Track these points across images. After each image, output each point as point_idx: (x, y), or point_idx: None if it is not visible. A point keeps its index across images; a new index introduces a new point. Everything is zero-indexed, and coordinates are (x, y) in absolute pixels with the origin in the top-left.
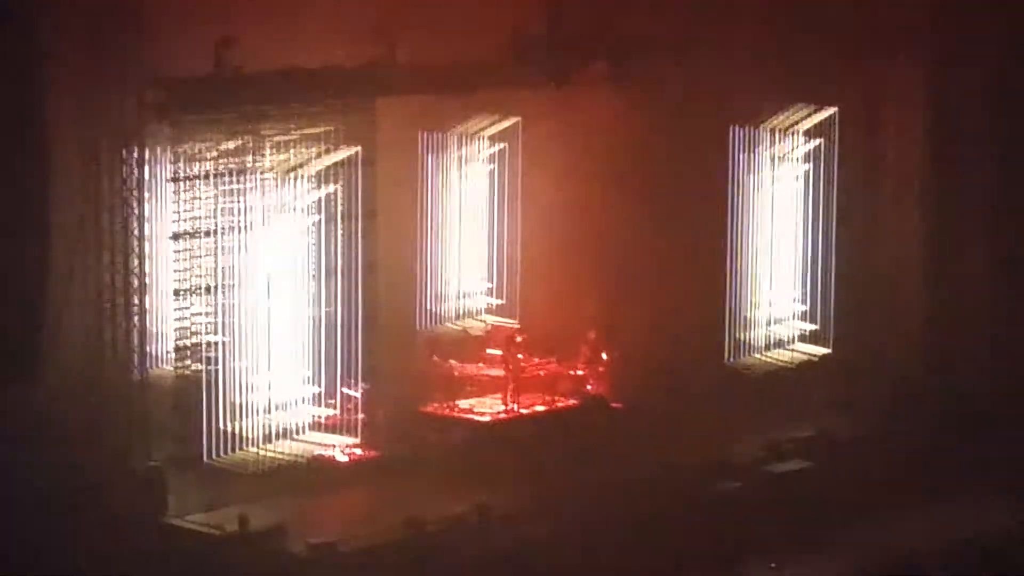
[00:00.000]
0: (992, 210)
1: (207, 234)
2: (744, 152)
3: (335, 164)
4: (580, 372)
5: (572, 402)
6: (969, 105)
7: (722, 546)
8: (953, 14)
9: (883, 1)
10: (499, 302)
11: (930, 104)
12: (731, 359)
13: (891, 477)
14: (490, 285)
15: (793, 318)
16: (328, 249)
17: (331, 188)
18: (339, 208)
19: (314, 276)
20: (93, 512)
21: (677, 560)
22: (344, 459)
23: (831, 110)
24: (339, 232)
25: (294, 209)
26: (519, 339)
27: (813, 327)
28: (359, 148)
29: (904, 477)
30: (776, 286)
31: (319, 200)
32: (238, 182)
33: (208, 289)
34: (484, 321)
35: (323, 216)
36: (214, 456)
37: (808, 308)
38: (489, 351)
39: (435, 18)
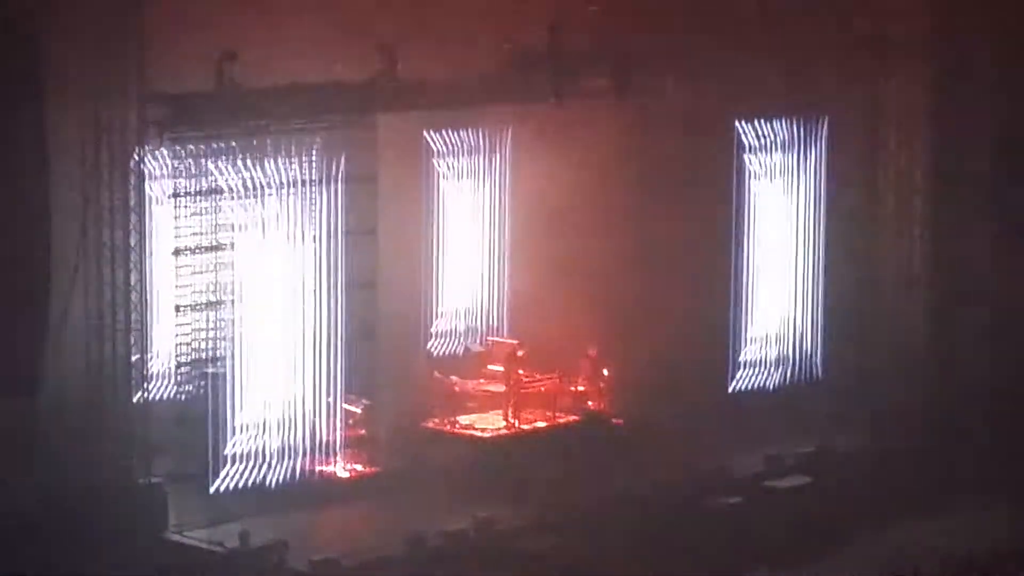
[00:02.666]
0: (990, 226)
1: (208, 249)
2: (744, 170)
3: (335, 180)
4: (581, 388)
5: (573, 418)
6: (970, 123)
7: (722, 561)
8: (952, 23)
9: (881, 12)
10: (500, 318)
11: (929, 120)
12: (730, 375)
13: (890, 492)
14: (491, 301)
15: (792, 334)
16: (328, 265)
17: (331, 204)
18: (339, 224)
19: (314, 292)
20: (93, 528)
21: (676, 575)
22: (345, 475)
23: (831, 125)
24: (339, 248)
25: (294, 225)
26: (520, 355)
27: (811, 342)
28: (359, 164)
29: (902, 492)
30: (777, 302)
31: (319, 216)
32: (239, 197)
33: (209, 305)
34: (485, 336)
35: (323, 232)
36: (215, 472)
37: (806, 324)
38: (490, 367)
39: (436, 33)
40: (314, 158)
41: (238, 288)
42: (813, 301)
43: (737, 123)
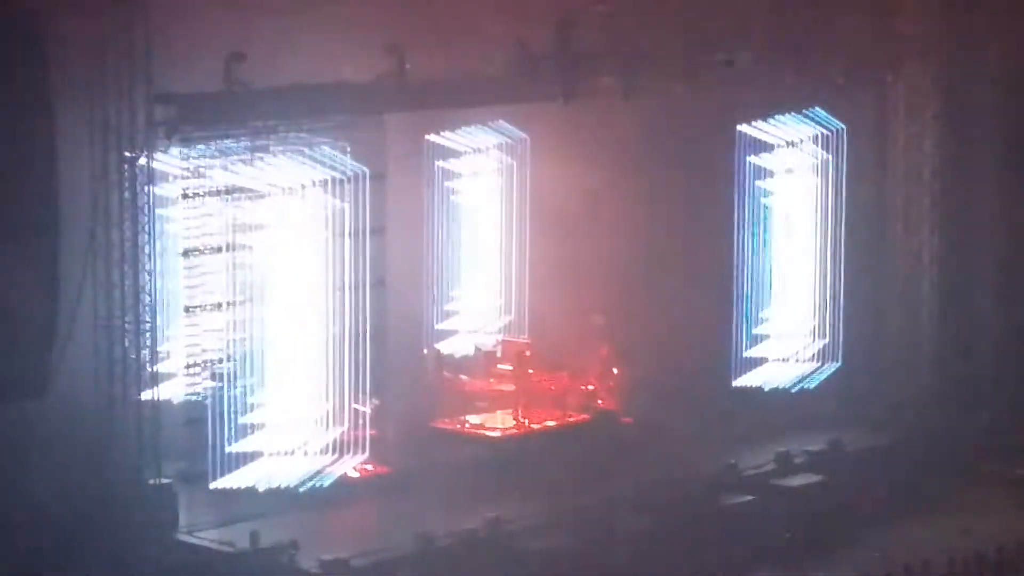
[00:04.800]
0: (1000, 223)
1: (217, 250)
2: (753, 168)
3: (344, 180)
4: (591, 387)
5: (583, 417)
6: (978, 121)
7: (732, 559)
8: (961, 27)
9: (890, 15)
10: (509, 317)
11: (939, 119)
12: (741, 372)
13: (900, 490)
14: (501, 300)
15: (803, 332)
16: (338, 265)
17: (340, 204)
18: (348, 224)
19: (324, 292)
20: (104, 528)
21: (687, 573)
22: (355, 475)
23: (840, 125)
24: (348, 248)
25: (303, 225)
26: (529, 354)
27: (823, 341)
28: (368, 164)
29: (913, 489)
30: (786, 300)
31: (328, 216)
32: (247, 198)
33: (218, 305)
34: (495, 336)
35: (332, 232)
36: (223, 472)
37: (818, 322)
38: (500, 366)
39: (444, 34)
40: (323, 158)
41: (248, 289)
42: (833, 300)
43: (745, 122)
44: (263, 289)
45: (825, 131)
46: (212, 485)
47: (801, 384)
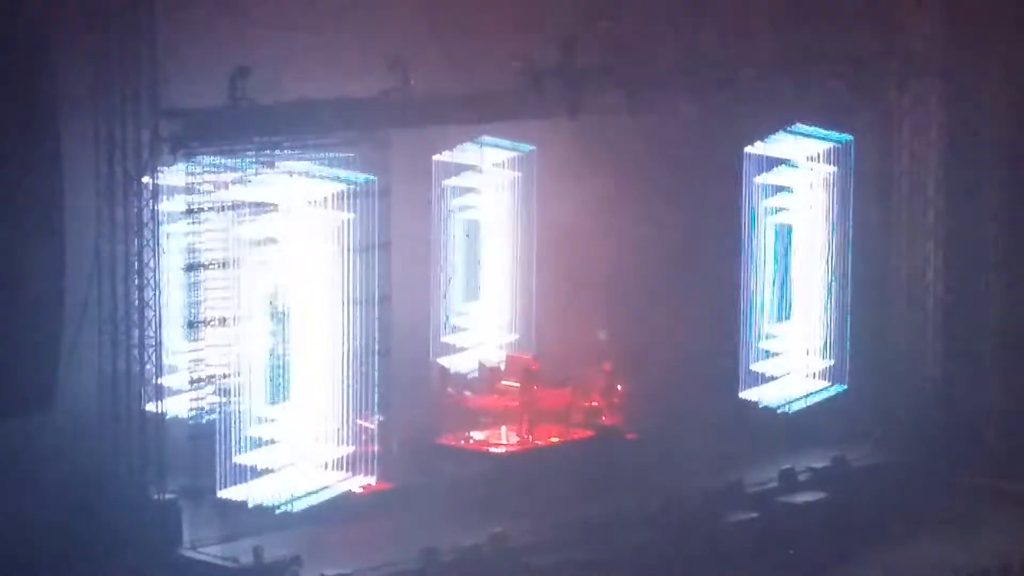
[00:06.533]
0: (1007, 241)
1: (222, 265)
2: (759, 182)
3: (350, 195)
4: (595, 403)
5: (587, 433)
6: (983, 136)
7: None
8: (966, 42)
9: (895, 31)
10: (516, 336)
11: (944, 134)
12: (746, 390)
13: (905, 507)
14: (506, 316)
15: (809, 349)
16: (343, 280)
17: (346, 219)
18: (354, 239)
19: (330, 307)
20: (107, 543)
21: None
22: (359, 491)
23: (847, 139)
24: (354, 263)
25: (309, 240)
26: (534, 370)
27: (829, 362)
28: (374, 179)
29: (918, 507)
30: (793, 316)
31: (334, 231)
32: (252, 213)
33: (223, 320)
34: (499, 352)
35: (338, 247)
36: (228, 488)
37: (825, 340)
38: (504, 382)
39: (449, 50)
40: (329, 173)
41: (253, 303)
42: (840, 320)
43: (751, 138)
44: (267, 304)
45: (833, 145)
46: (216, 500)
47: (806, 402)
